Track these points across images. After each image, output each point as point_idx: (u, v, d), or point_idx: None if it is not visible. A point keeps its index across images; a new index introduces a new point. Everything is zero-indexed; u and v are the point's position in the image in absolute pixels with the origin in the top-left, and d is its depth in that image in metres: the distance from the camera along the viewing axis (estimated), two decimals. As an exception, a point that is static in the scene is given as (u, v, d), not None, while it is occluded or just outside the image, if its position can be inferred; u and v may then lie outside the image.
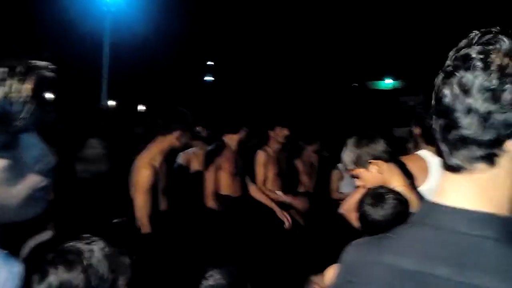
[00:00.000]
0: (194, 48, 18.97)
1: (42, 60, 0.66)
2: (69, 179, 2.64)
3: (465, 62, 0.71)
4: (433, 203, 0.77)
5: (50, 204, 0.71)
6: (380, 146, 2.06)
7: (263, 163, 4.18)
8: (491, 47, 0.71)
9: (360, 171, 2.07)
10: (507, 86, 0.68)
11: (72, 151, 2.85)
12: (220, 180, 3.65)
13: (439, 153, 0.77)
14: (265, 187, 4.15)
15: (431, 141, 2.72)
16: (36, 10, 12.71)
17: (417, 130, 2.69)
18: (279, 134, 4.25)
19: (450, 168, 0.75)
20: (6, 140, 0.60)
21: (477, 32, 0.73)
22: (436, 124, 0.75)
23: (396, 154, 2.25)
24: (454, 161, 0.74)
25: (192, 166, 4.02)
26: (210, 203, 3.55)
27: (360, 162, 2.06)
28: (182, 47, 18.22)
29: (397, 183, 2.01)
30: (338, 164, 4.47)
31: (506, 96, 0.68)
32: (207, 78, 24.78)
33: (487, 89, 0.69)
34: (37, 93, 0.62)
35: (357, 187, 2.18)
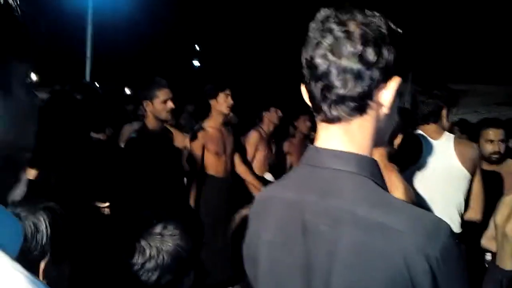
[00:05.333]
0: (181, 30, 18.62)
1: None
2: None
3: (330, 33, 0.86)
4: (313, 147, 0.95)
5: None
6: None
7: (254, 143, 4.12)
8: (346, 18, 0.87)
9: None
10: (369, 49, 0.85)
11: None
12: (206, 160, 3.56)
13: (316, 109, 0.92)
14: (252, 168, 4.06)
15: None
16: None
17: (444, 112, 2.71)
18: (273, 115, 4.27)
19: (329, 120, 0.90)
20: None
21: (329, 9, 0.89)
22: (316, 88, 0.89)
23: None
24: (335, 114, 0.89)
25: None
26: (194, 182, 3.50)
27: None
28: (169, 29, 17.86)
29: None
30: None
31: (369, 57, 0.85)
32: (195, 62, 24.39)
33: (354, 54, 0.85)
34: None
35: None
